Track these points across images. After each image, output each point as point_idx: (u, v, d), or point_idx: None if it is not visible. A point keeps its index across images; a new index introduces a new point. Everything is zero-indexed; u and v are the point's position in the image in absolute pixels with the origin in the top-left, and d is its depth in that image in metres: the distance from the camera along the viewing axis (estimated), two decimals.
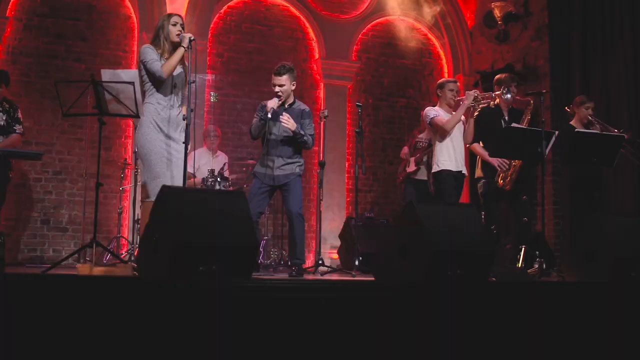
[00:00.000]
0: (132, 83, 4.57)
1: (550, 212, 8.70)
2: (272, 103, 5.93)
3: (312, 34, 9.98)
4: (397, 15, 10.29)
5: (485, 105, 6.58)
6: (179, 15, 5.35)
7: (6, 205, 7.23)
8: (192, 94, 5.04)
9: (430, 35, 10.74)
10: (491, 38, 9.53)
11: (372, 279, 4.97)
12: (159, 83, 5.08)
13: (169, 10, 8.65)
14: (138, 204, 7.76)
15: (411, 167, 8.08)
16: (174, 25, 5.23)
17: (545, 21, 9.30)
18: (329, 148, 9.54)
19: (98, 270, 4.02)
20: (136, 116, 4.76)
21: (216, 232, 3.88)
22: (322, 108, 9.73)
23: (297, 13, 9.92)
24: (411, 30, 10.61)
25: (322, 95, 9.91)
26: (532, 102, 6.80)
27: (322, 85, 9.94)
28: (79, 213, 8.30)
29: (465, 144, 6.67)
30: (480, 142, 6.66)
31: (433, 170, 6.53)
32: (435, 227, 4.44)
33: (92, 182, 8.22)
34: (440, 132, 6.47)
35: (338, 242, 9.01)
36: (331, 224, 9.35)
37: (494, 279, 4.77)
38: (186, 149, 4.97)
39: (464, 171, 6.56)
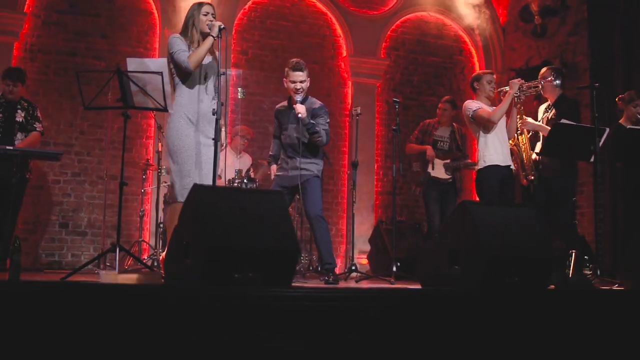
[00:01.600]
0: (161, 73, 4.20)
1: (591, 216, 8.26)
2: (302, 109, 5.66)
3: (339, 31, 9.60)
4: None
5: (534, 93, 6.19)
6: (210, 5, 5.01)
7: (23, 208, 6.93)
8: (222, 87, 4.69)
9: (461, 32, 10.32)
10: (527, 33, 9.11)
11: (418, 286, 4.59)
12: (186, 75, 4.74)
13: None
14: (161, 206, 7.44)
15: (440, 173, 7.51)
16: (205, 14, 4.89)
17: (584, 15, 8.87)
18: (357, 149, 9.15)
19: (124, 278, 3.66)
20: (164, 110, 4.40)
21: (253, 236, 3.52)
22: (350, 107, 9.37)
23: (324, 9, 9.54)
24: (441, 27, 10.22)
25: (350, 93, 9.53)
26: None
27: (350, 83, 9.56)
28: (99, 216, 7.97)
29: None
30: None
31: (479, 167, 6.09)
32: (491, 230, 4.07)
33: (113, 184, 7.97)
34: (486, 124, 6.06)
35: (367, 247, 8.62)
36: (360, 227, 8.94)
37: (553, 286, 4.37)
38: (216, 145, 4.61)
39: (512, 166, 6.15)
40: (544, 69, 6.56)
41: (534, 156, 6.35)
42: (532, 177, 6.33)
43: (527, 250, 4.16)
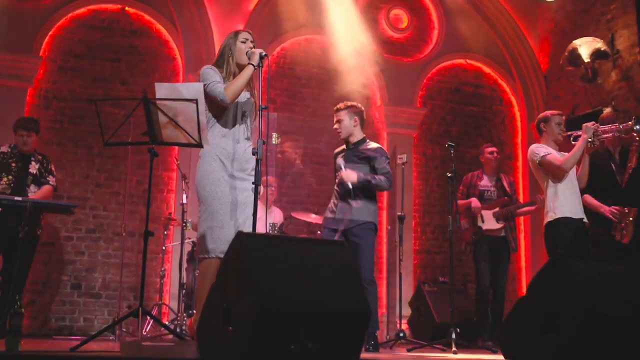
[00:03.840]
0: (195, 100, 3.54)
1: None
2: (348, 177, 5.41)
3: (373, 79, 9.02)
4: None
5: (610, 138, 5.53)
6: (249, 32, 4.41)
7: (33, 267, 6.23)
8: (264, 124, 4.06)
9: (500, 81, 9.73)
10: (576, 78, 8.46)
11: (484, 356, 3.83)
12: (222, 110, 4.11)
13: (217, 50, 7.77)
14: (184, 265, 6.74)
15: (491, 224, 6.81)
16: (244, 42, 4.31)
17: (637, 58, 8.24)
18: (393, 203, 8.47)
19: (150, 351, 2.92)
20: (198, 145, 3.73)
21: (313, 296, 2.80)
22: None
23: None
24: (480, 75, 9.64)
25: (385, 145, 8.86)
26: (638, 139, 5.72)
27: (385, 134, 8.92)
28: (115, 277, 7.27)
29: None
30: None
31: (548, 219, 5.34)
32: (596, 288, 3.32)
33: (131, 241, 7.30)
34: (555, 172, 5.35)
35: (407, 311, 7.82)
36: (398, 289, 8.17)
37: None
38: (256, 190, 3.95)
39: (586, 219, 5.39)
40: (606, 112, 5.89)
41: None
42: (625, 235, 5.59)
43: None
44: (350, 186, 5.28)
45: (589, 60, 8.27)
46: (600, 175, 5.63)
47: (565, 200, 5.29)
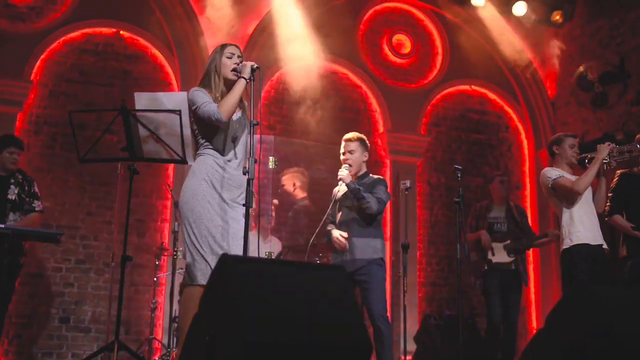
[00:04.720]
0: (179, 112, 3.25)
1: None
2: (342, 173, 5.13)
3: (375, 105, 8.77)
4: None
5: (627, 159, 5.24)
6: (236, 46, 4.15)
7: (18, 299, 5.97)
8: (256, 141, 3.77)
9: (506, 107, 9.47)
10: (586, 103, 8.20)
11: None
12: (213, 132, 3.81)
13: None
14: (175, 297, 6.39)
15: (502, 257, 6.47)
16: (230, 57, 4.04)
17: None
18: (397, 234, 8.16)
19: None
20: (182, 161, 3.43)
21: (307, 328, 2.47)
22: (389, 188, 8.39)
23: (358, 82, 8.74)
24: (485, 102, 9.38)
25: (388, 173, 8.57)
26: None
27: (388, 162, 8.63)
28: (104, 310, 6.92)
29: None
30: (624, 214, 5.25)
31: (564, 246, 5.01)
32: (623, 318, 2.99)
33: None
34: (569, 195, 5.04)
35: (412, 346, 7.45)
36: (402, 323, 7.81)
37: None
38: (247, 213, 3.64)
39: (605, 245, 5.06)
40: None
41: None
42: None
43: None
44: (342, 182, 5.09)
45: (598, 84, 8.02)
46: (636, 196, 5.36)
47: (581, 226, 4.97)
